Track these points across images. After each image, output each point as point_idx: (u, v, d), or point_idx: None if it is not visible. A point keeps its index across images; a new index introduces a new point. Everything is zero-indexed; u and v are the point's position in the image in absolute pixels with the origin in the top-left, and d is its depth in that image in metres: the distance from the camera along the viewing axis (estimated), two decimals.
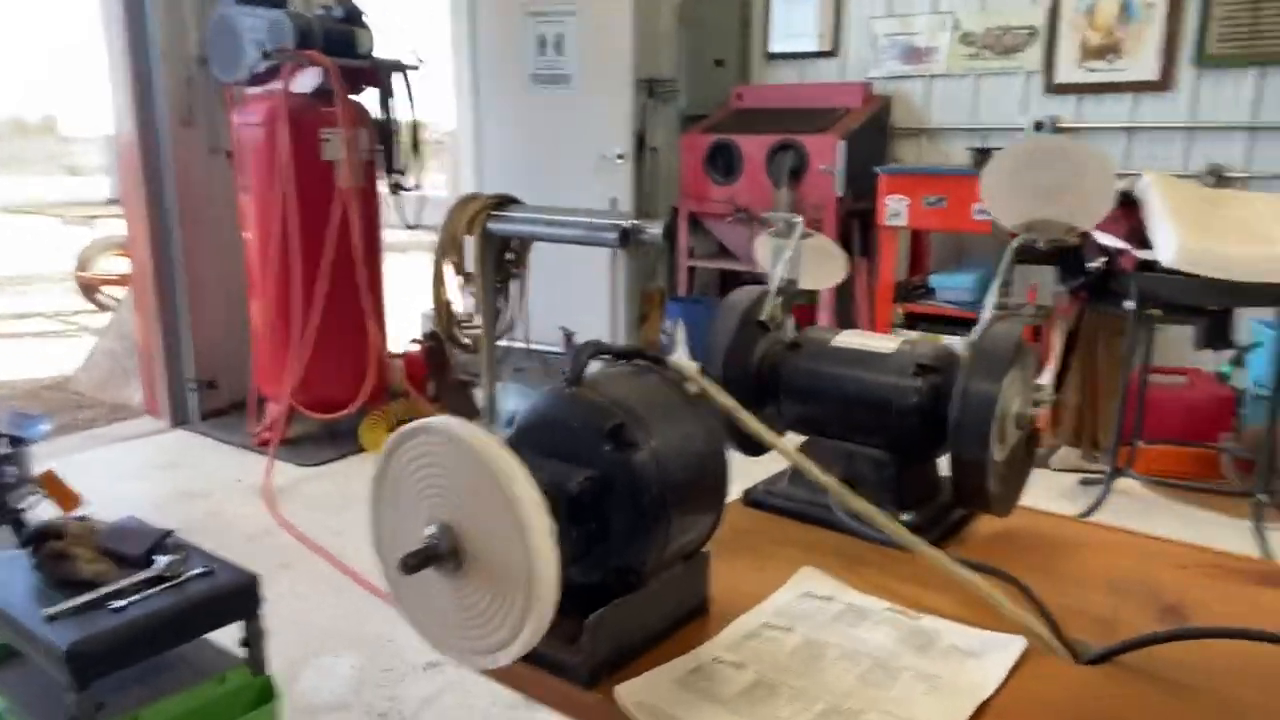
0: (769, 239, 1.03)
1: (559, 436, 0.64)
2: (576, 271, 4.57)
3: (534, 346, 4.11)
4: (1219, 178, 3.87)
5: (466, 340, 3.54)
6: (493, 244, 3.30)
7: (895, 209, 3.95)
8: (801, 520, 0.91)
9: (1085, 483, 3.14)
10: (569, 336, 3.37)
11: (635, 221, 3.00)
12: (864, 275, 4.37)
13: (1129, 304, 2.72)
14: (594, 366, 0.66)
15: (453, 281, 3.50)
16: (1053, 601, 0.75)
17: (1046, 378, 0.84)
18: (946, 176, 3.94)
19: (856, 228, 4.34)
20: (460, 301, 3.62)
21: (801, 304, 4.59)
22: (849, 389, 0.89)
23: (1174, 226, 2.60)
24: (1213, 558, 0.85)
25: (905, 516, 0.87)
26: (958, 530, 0.90)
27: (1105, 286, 2.92)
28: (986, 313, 0.85)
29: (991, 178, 0.87)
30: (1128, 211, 2.72)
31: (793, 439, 1.01)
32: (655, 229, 2.98)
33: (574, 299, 4.67)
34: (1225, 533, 2.64)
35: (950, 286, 4.10)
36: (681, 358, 0.71)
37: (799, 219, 1.00)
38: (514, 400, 3.29)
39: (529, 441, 0.66)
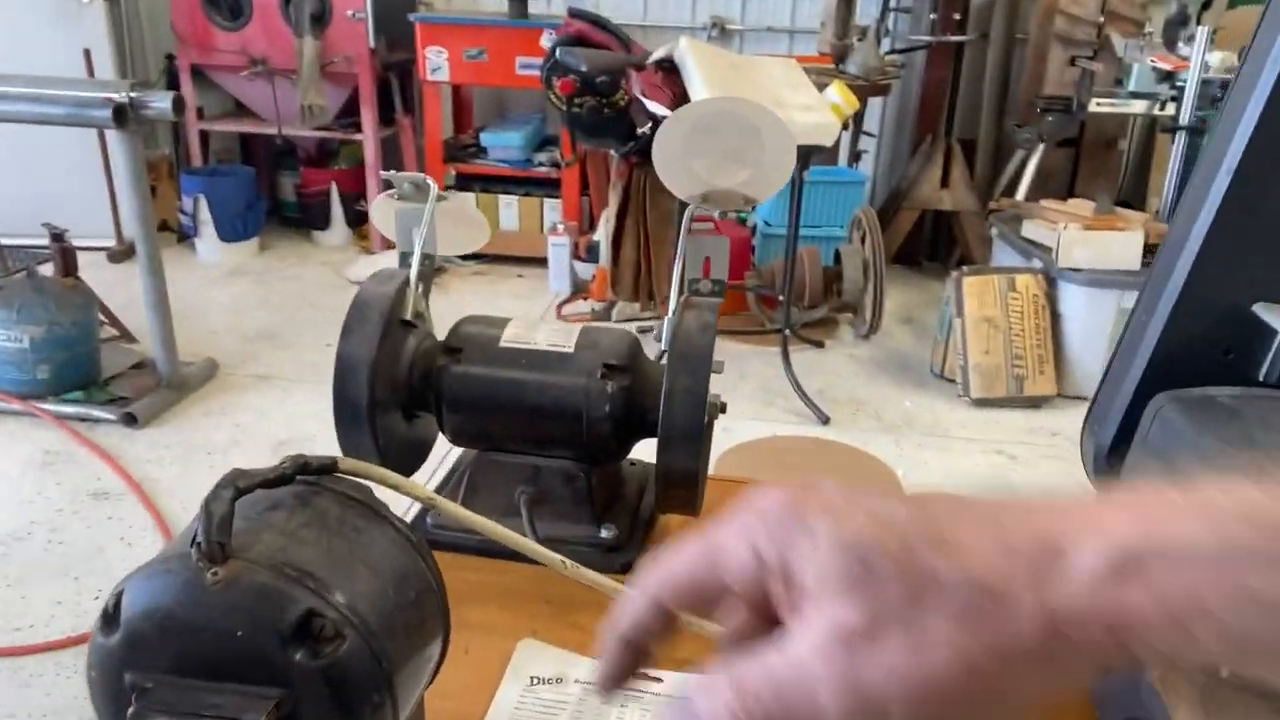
0: (389, 205, 0.81)
1: (208, 649, 0.42)
2: (53, 148, 3.65)
3: (9, 242, 3.25)
4: (722, 29, 4.20)
5: None
6: None
7: (436, 63, 3.68)
8: (487, 556, 0.77)
9: (642, 330, 3.36)
10: (58, 235, 2.69)
11: (134, 94, 2.41)
12: (409, 134, 4.09)
13: None
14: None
15: None
16: None
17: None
18: (487, 27, 3.75)
19: (395, 83, 4.01)
20: None
21: (344, 168, 4.18)
22: (530, 399, 0.75)
23: (707, 90, 2.74)
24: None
25: (605, 533, 0.78)
26: (651, 528, 0.82)
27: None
28: (673, 300, 0.75)
29: (663, 147, 0.76)
30: (670, 78, 2.81)
31: (456, 453, 0.85)
32: (162, 102, 2.42)
33: (57, 182, 3.75)
34: (764, 366, 3.01)
35: (501, 144, 4.00)
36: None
37: (429, 180, 0.79)
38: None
39: (156, 664, 0.42)
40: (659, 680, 0.65)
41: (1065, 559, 0.23)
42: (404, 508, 0.57)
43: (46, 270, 2.78)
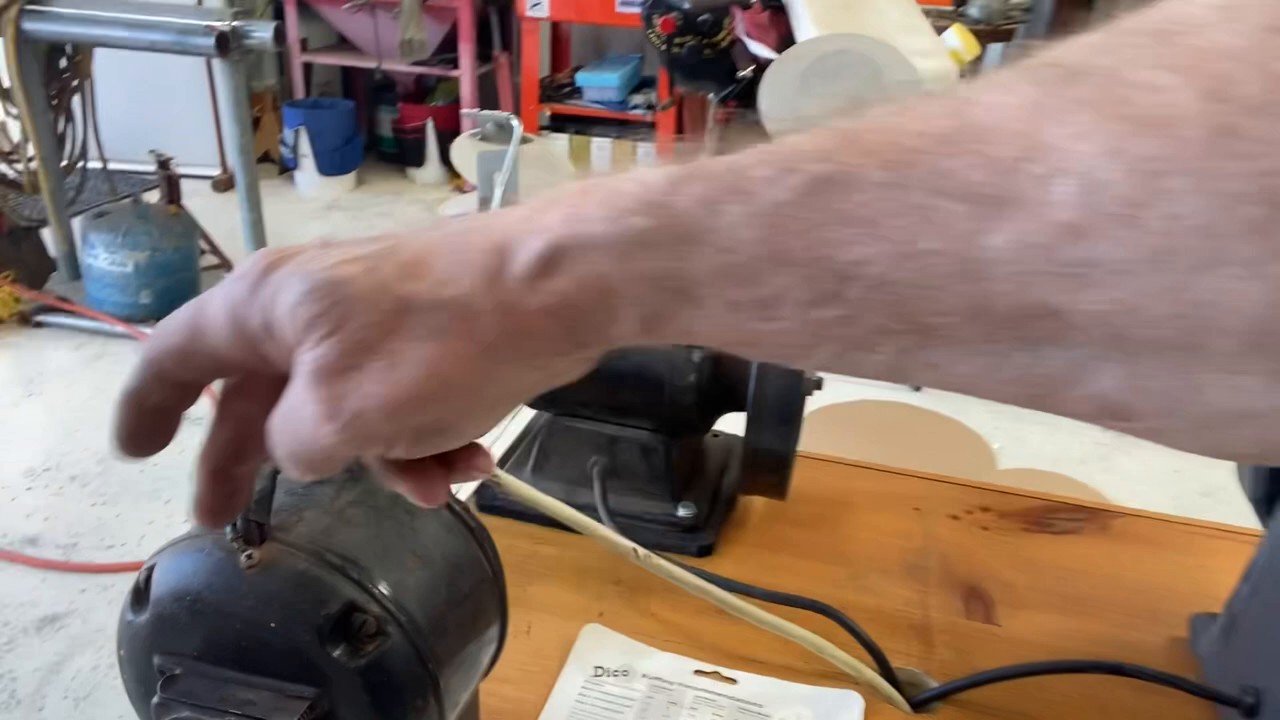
0: (471, 145, 0.76)
1: (240, 639, 0.38)
2: (162, 78, 3.73)
3: (117, 167, 3.34)
4: None
5: (16, 177, 2.76)
6: (35, 51, 2.51)
7: None
8: (556, 527, 0.73)
9: None
10: (164, 163, 2.74)
11: (236, 23, 2.41)
12: (506, 72, 4.04)
13: None
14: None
15: None
16: (865, 612, 0.66)
17: None
18: None
19: (495, 18, 3.95)
20: (3, 125, 2.78)
21: (441, 104, 4.16)
22: (609, 363, 0.69)
23: (817, 30, 2.60)
24: (946, 490, 0.81)
25: (682, 511, 0.72)
26: (732, 508, 0.77)
27: (754, 95, 2.91)
28: None
29: (773, 88, 0.68)
30: (777, 18, 2.67)
31: (527, 415, 0.80)
32: (263, 32, 2.42)
33: (163, 110, 3.84)
34: None
35: (597, 85, 3.91)
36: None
37: (514, 120, 0.74)
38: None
39: (186, 649, 0.39)
40: (734, 682, 0.59)
41: (510, 260, 0.25)
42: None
43: (152, 197, 2.85)
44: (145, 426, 0.31)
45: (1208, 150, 0.18)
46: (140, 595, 0.40)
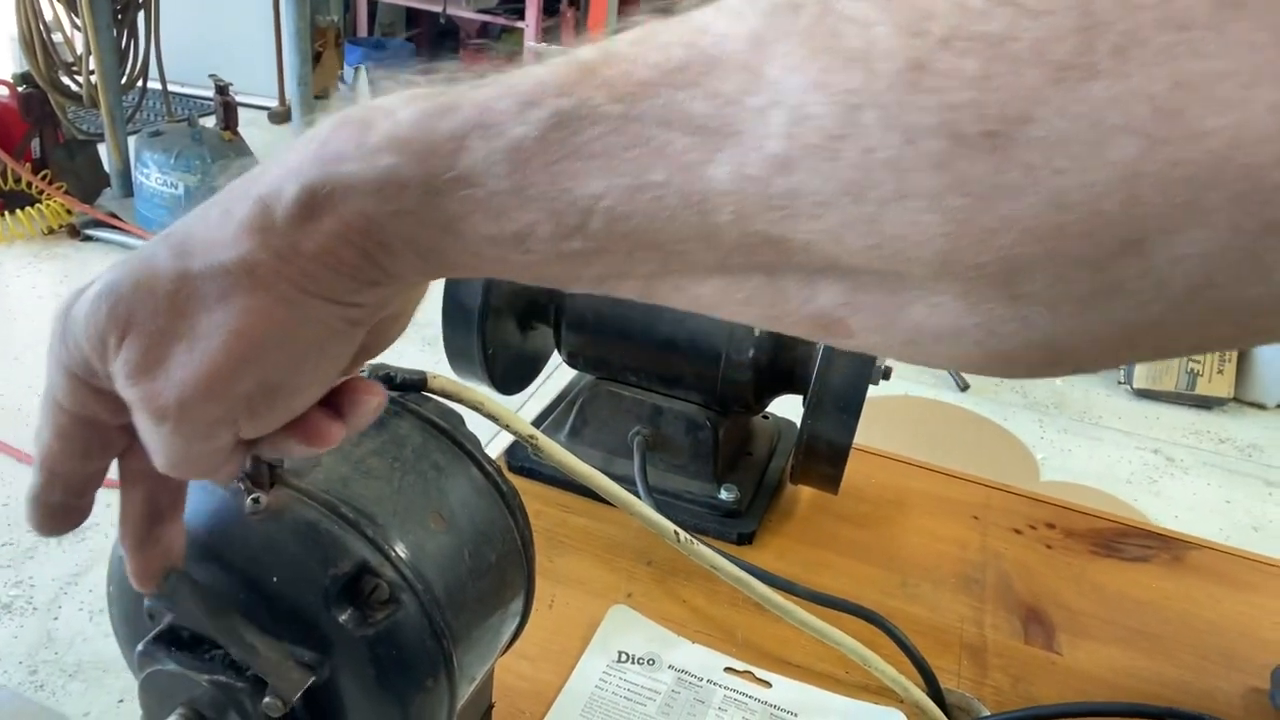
0: None
1: (239, 590, 0.34)
2: (228, 3, 3.71)
3: (176, 89, 3.33)
4: None
5: (76, 89, 2.75)
6: None
7: None
8: (591, 497, 0.68)
9: None
10: (223, 89, 2.72)
11: None
12: (571, 27, 3.97)
13: None
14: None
15: (52, 9, 2.65)
16: (914, 624, 0.60)
17: None
18: None
19: None
20: (68, 36, 2.78)
21: (503, 55, 4.14)
22: (663, 329, 0.64)
23: None
24: (1008, 500, 0.76)
25: (725, 494, 0.67)
26: (777, 495, 0.72)
27: None
28: None
29: None
30: None
31: (566, 376, 0.76)
32: None
33: (226, 37, 3.83)
34: None
35: None
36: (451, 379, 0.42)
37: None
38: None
39: (179, 596, 0.35)
40: (767, 685, 0.55)
41: (273, 208, 0.24)
42: (498, 432, 0.48)
43: (209, 122, 2.83)
44: (60, 519, 0.30)
45: (899, 84, 0.18)
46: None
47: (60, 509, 0.30)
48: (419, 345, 0.68)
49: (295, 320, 0.25)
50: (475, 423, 0.43)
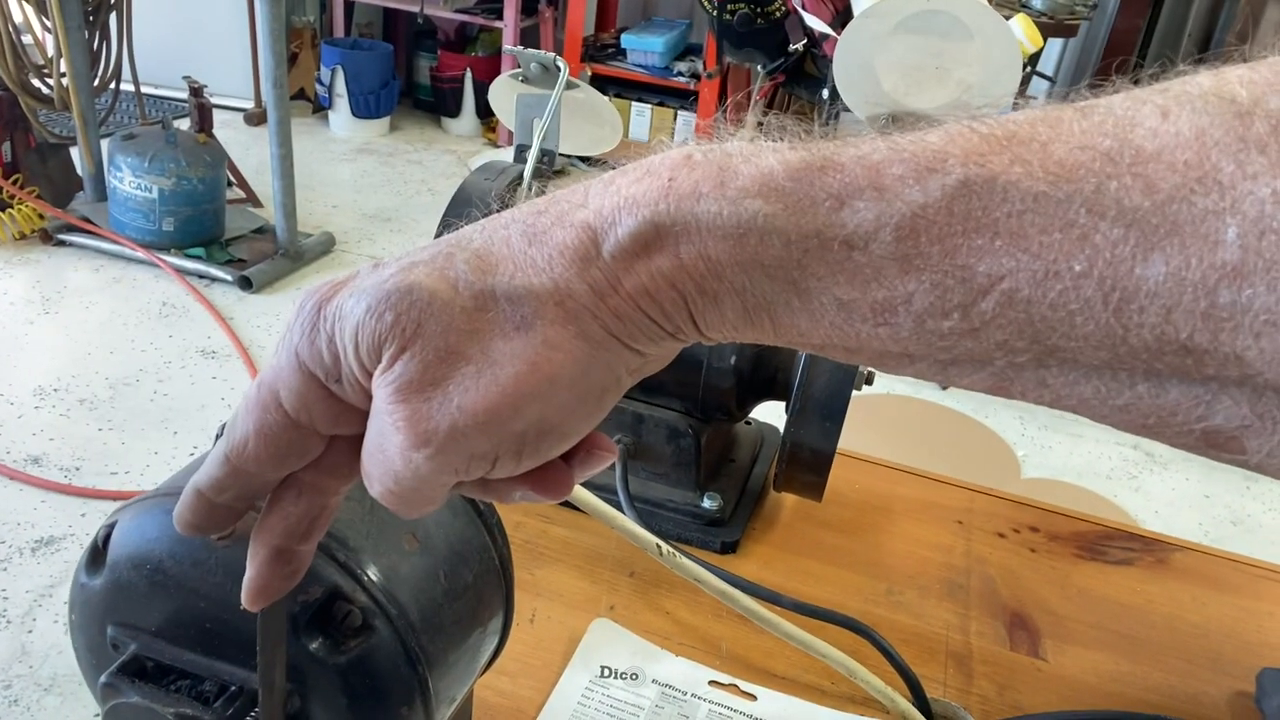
0: (512, 86, 0.70)
1: (204, 619, 0.33)
2: (202, 3, 3.67)
3: (150, 91, 3.29)
4: None
5: (48, 92, 2.71)
6: None
7: None
8: (571, 507, 0.67)
9: None
10: (197, 91, 2.68)
11: None
12: (550, 27, 3.95)
13: (825, 92, 2.63)
14: None
15: (21, 11, 2.61)
16: (899, 632, 0.60)
17: None
18: None
19: None
20: (39, 38, 2.73)
21: (481, 55, 4.08)
22: None
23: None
24: (992, 504, 0.75)
25: (707, 502, 0.66)
26: (761, 502, 0.71)
27: (802, 70, 2.81)
28: None
29: (849, 52, 0.61)
30: None
31: None
32: None
33: (200, 38, 3.79)
34: None
35: (641, 48, 3.82)
36: None
37: (561, 61, 0.67)
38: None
39: (143, 623, 0.34)
40: (752, 698, 0.54)
41: (603, 237, 0.23)
42: None
43: (183, 124, 2.79)
44: (214, 520, 0.28)
45: None
46: (97, 556, 0.35)
47: (227, 512, 0.28)
48: None
49: (592, 361, 0.24)
50: None
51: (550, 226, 0.23)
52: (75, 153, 2.83)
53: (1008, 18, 2.52)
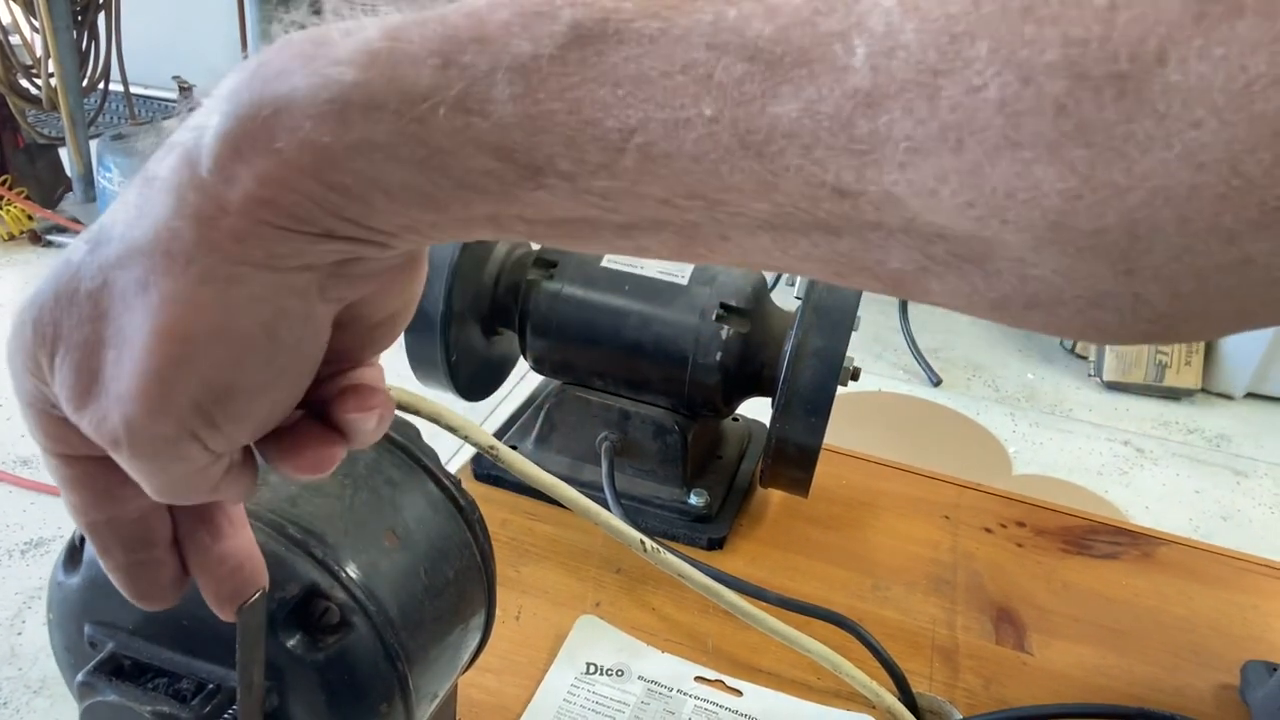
0: None
1: (181, 617, 0.33)
2: (192, 3, 3.65)
3: (139, 91, 3.28)
4: None
5: (36, 92, 2.70)
6: None
7: None
8: (557, 504, 0.67)
9: None
10: (186, 90, 2.67)
11: None
12: None
13: None
14: None
15: (9, 11, 2.60)
16: (885, 627, 0.60)
17: None
18: None
19: None
20: (27, 39, 2.72)
21: None
22: (628, 333, 0.63)
23: None
24: (979, 500, 0.76)
25: (694, 499, 0.66)
26: (748, 498, 0.71)
27: None
28: None
29: None
30: None
31: (534, 381, 0.75)
32: None
33: (189, 38, 3.77)
34: (878, 314, 2.82)
35: None
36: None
37: None
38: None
39: (120, 622, 0.33)
40: (738, 694, 0.54)
41: (196, 157, 0.20)
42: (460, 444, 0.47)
43: (173, 124, 2.78)
44: (149, 579, 0.27)
45: (1011, 12, 0.15)
46: (74, 554, 0.35)
47: (140, 570, 0.26)
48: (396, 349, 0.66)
49: (229, 302, 0.20)
50: (440, 430, 0.42)
51: (155, 163, 0.21)
52: (64, 153, 2.82)
53: None
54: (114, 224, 0.21)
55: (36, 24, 2.57)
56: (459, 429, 0.43)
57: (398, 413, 0.41)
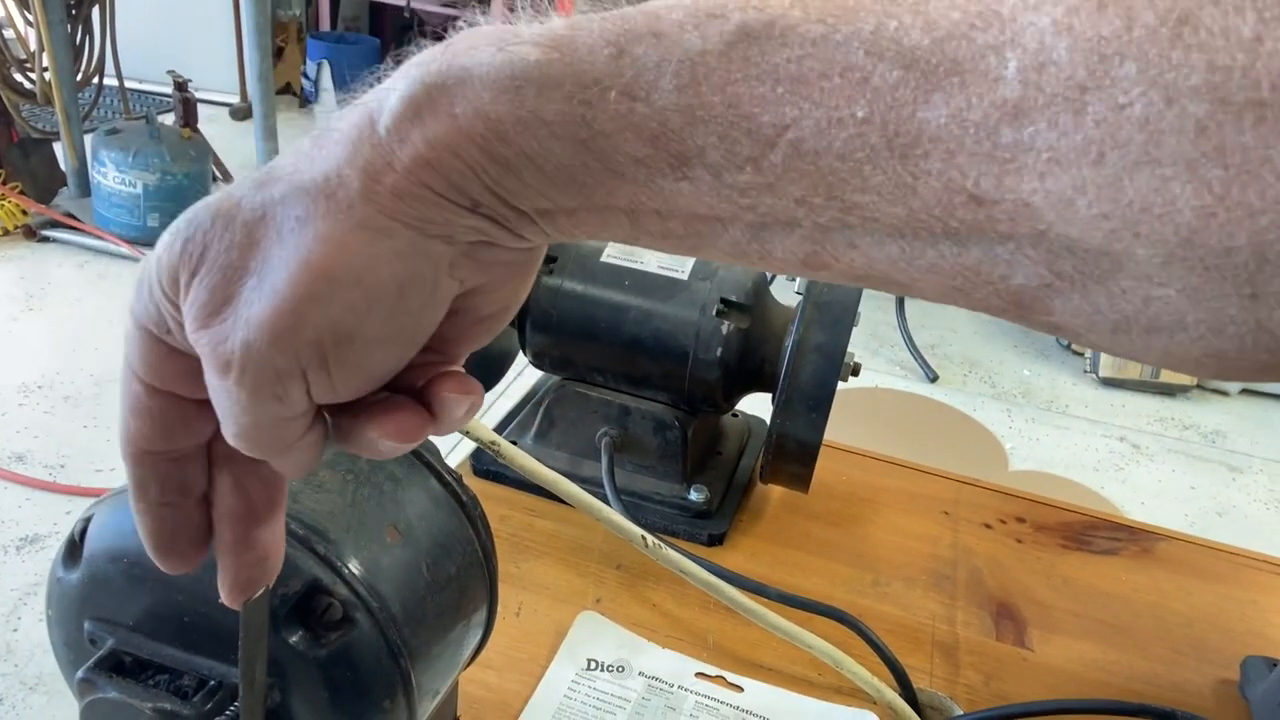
0: None
1: (182, 612, 0.32)
2: None
3: (133, 86, 3.26)
4: None
5: (30, 87, 2.69)
6: None
7: None
8: (558, 500, 0.67)
9: None
10: (181, 85, 2.66)
11: None
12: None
13: None
14: None
15: (3, 5, 2.59)
16: (886, 622, 0.60)
17: None
18: None
19: None
20: (21, 33, 2.71)
21: None
22: (628, 328, 0.63)
23: None
24: (979, 495, 0.76)
25: (694, 494, 0.66)
26: (748, 494, 0.71)
27: None
28: None
29: None
30: None
31: (533, 376, 0.74)
32: None
33: (184, 32, 3.76)
34: (874, 310, 2.82)
35: None
36: None
37: None
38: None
39: (120, 617, 0.33)
40: (739, 690, 0.54)
41: (377, 116, 0.21)
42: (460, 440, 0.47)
43: (167, 119, 2.77)
44: (173, 529, 0.27)
45: (1161, 37, 0.16)
46: (74, 550, 0.35)
47: (169, 516, 0.26)
48: None
49: (376, 252, 0.22)
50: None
51: (338, 122, 0.22)
52: (59, 148, 2.81)
53: None
54: (283, 166, 0.23)
55: (31, 18, 2.56)
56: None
57: None
